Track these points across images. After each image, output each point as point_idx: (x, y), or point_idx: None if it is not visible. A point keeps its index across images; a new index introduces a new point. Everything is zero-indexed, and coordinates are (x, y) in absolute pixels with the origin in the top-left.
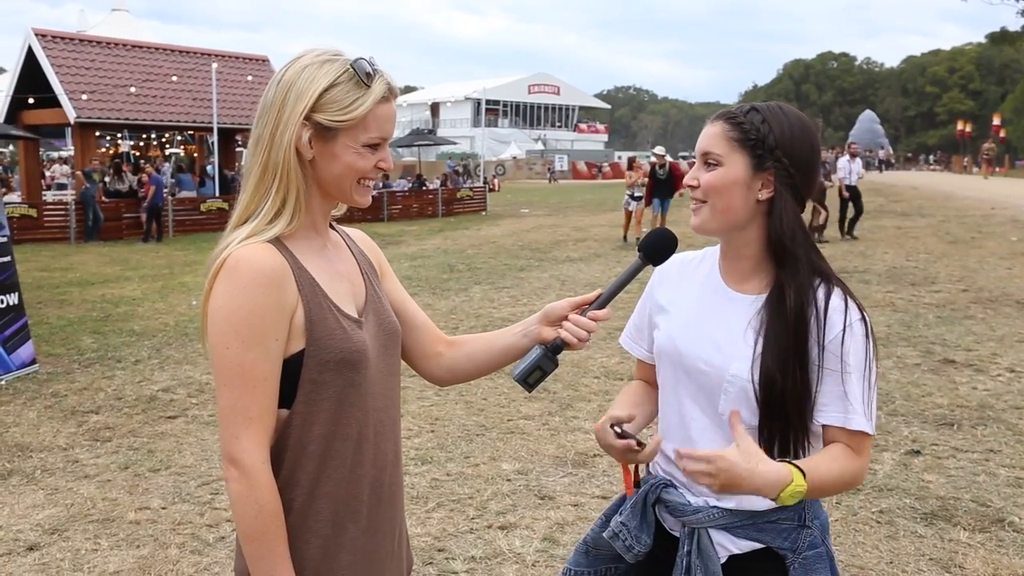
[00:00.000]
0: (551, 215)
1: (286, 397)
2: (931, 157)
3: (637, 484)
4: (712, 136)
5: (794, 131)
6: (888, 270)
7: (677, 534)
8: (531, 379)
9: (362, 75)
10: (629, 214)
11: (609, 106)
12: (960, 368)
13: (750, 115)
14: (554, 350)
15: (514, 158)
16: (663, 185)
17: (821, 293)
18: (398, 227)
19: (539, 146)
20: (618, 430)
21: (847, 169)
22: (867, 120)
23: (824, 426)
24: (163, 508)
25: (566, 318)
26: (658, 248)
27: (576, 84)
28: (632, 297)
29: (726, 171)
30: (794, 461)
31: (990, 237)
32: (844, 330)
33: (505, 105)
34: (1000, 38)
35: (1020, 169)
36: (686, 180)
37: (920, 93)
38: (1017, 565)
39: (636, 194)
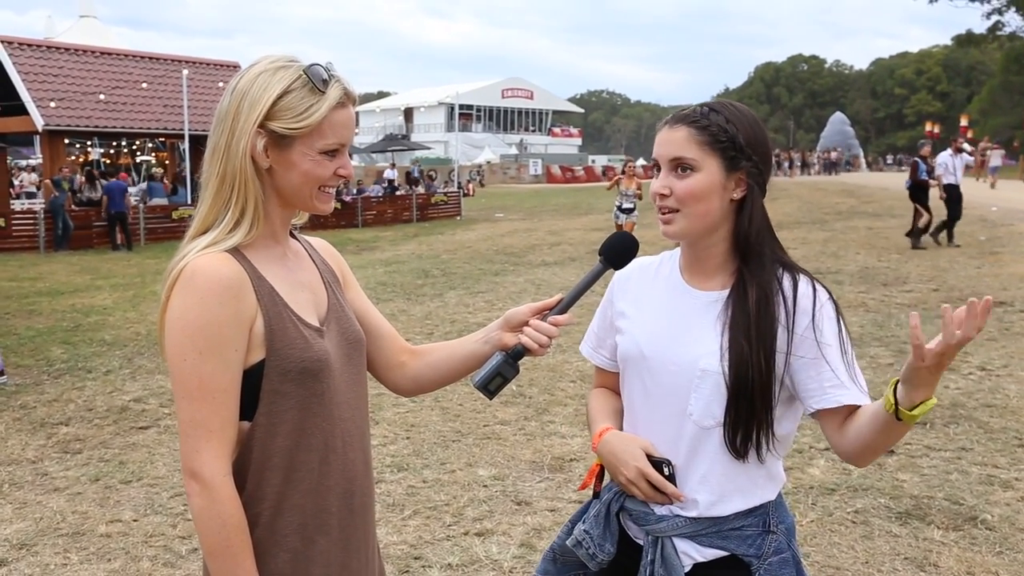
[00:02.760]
0: (526, 219)
1: (247, 409)
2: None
3: (597, 495)
4: (679, 141)
5: (754, 127)
6: (860, 270)
7: (641, 542)
8: (491, 386)
9: (316, 81)
10: (619, 228)
11: (582, 110)
12: None
13: (712, 116)
14: (515, 356)
15: (488, 163)
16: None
17: (787, 282)
18: (372, 233)
19: (513, 151)
20: (668, 471)
21: (950, 166)
22: (837, 122)
23: (820, 413)
24: (135, 520)
25: (527, 323)
26: (619, 252)
27: (549, 88)
28: (595, 300)
29: (703, 177)
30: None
31: (959, 236)
32: (815, 312)
33: (479, 110)
34: (966, 40)
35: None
36: (656, 189)
37: (889, 95)
38: (991, 563)
39: (626, 205)
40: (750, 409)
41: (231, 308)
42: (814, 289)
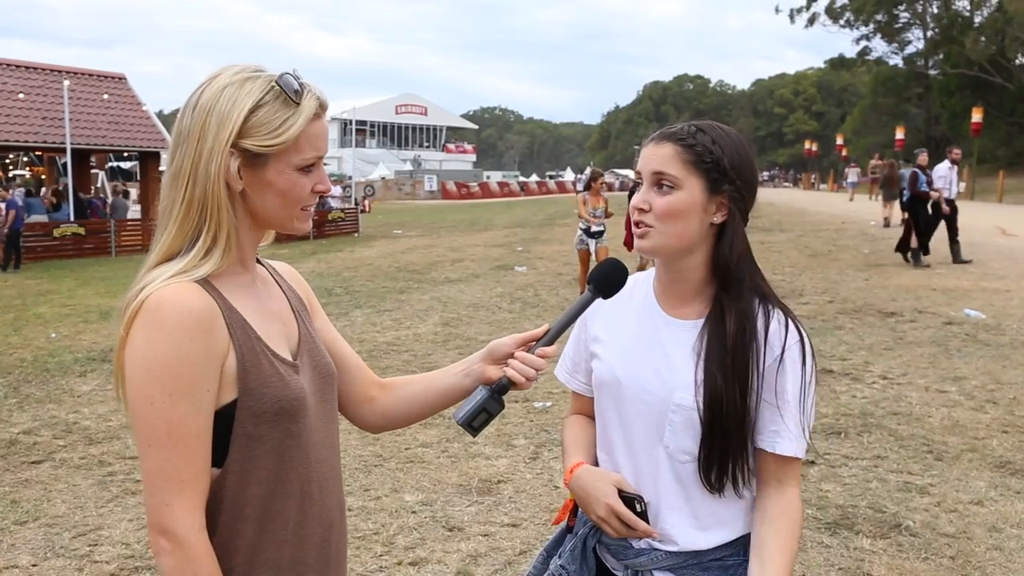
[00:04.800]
0: (424, 236)
1: (217, 454)
2: (768, 174)
3: (571, 529)
4: (664, 158)
5: (741, 152)
6: None
7: (620, 574)
8: (476, 422)
9: (290, 92)
10: (587, 256)
11: (476, 126)
12: (838, 377)
13: (699, 136)
14: (500, 390)
15: (383, 178)
16: None
17: (760, 317)
18: (268, 250)
19: (408, 167)
20: (640, 507)
21: (948, 179)
22: None
23: (757, 450)
24: (34, 565)
25: (512, 356)
26: (610, 280)
27: (443, 105)
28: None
29: (683, 195)
30: None
31: (845, 250)
32: (781, 355)
33: (372, 125)
34: (838, 63)
35: (863, 184)
36: (635, 203)
37: (769, 114)
38: (920, 568)
39: (595, 228)
40: (725, 445)
41: (202, 344)
42: (785, 330)
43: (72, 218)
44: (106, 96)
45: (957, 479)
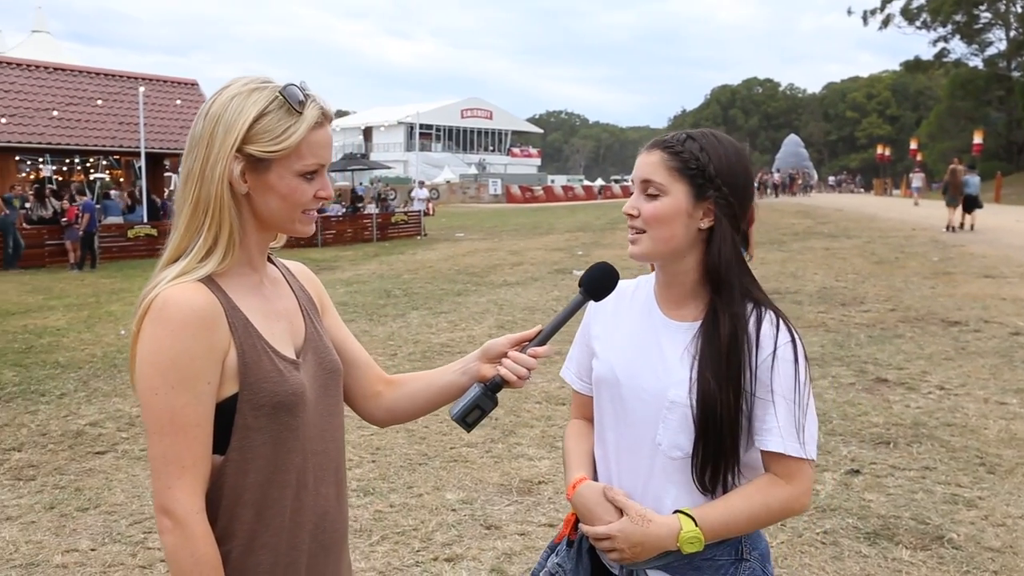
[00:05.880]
0: (486, 239)
1: (219, 443)
2: (834, 179)
3: (571, 543)
4: (651, 165)
5: (730, 159)
6: (819, 291)
7: (616, 571)
8: (469, 418)
9: (293, 102)
10: None
11: (541, 130)
12: (893, 387)
13: (687, 144)
14: (493, 388)
15: (448, 182)
16: None
17: (753, 318)
18: (333, 252)
19: (472, 170)
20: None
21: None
22: (792, 144)
23: (761, 452)
24: (92, 550)
25: (506, 355)
26: (600, 284)
27: (508, 109)
28: (572, 328)
29: (669, 201)
30: (683, 509)
31: (912, 257)
32: (773, 354)
33: (438, 129)
34: (914, 66)
35: (936, 192)
36: (625, 208)
37: (841, 118)
38: None
39: None
40: (718, 445)
41: (204, 340)
42: (777, 330)
43: (145, 219)
44: (179, 102)
45: (1008, 493)
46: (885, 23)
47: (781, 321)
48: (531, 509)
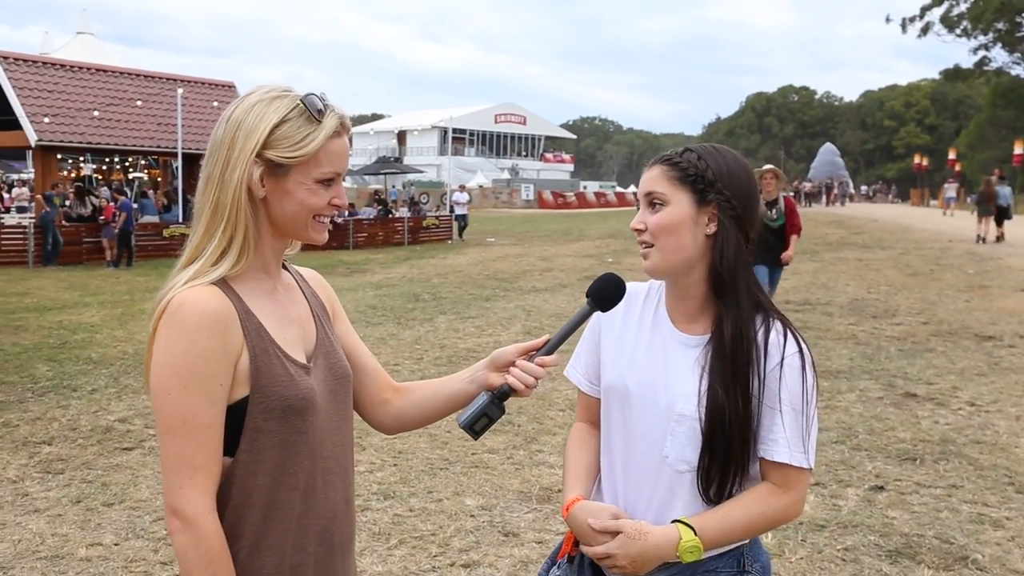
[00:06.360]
0: (517, 244)
1: (229, 445)
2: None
3: (572, 559)
4: (653, 178)
5: (729, 164)
6: (850, 302)
7: None
8: (477, 426)
9: (313, 111)
10: None
11: (575, 136)
12: (922, 402)
13: (686, 155)
14: (501, 396)
15: (480, 187)
16: (772, 239)
17: (760, 326)
18: (364, 255)
19: (505, 175)
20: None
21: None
22: (828, 153)
23: (760, 460)
24: (116, 544)
25: (513, 364)
26: (608, 294)
27: (542, 114)
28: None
29: (672, 209)
30: (681, 518)
31: (948, 269)
32: (781, 363)
33: (471, 134)
34: (953, 75)
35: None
36: (632, 224)
37: (878, 127)
38: None
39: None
40: (725, 457)
41: (217, 342)
42: (784, 338)
43: (181, 219)
44: (216, 103)
45: None
46: (924, 31)
47: (789, 331)
48: (550, 517)
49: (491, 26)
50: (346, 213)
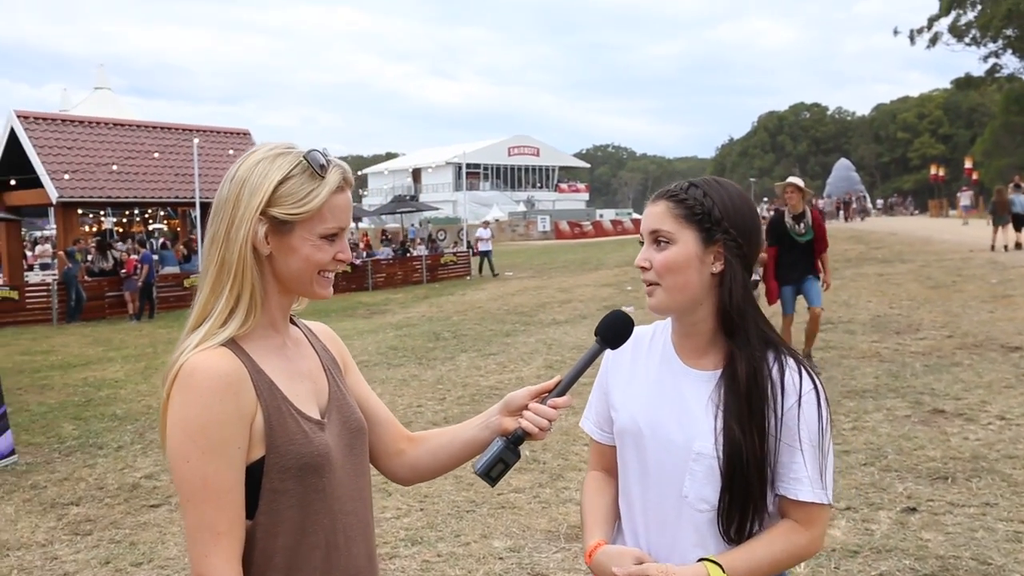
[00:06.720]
0: (535, 277)
1: (248, 507)
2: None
3: None
4: (658, 215)
5: (735, 201)
6: (872, 319)
7: None
8: (493, 472)
9: (316, 167)
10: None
11: (588, 165)
12: (950, 418)
13: (691, 191)
14: (515, 441)
15: (497, 220)
16: (799, 256)
17: (773, 364)
18: (383, 295)
19: (521, 208)
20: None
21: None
22: (843, 168)
23: (779, 497)
24: None
25: (526, 407)
26: (616, 332)
27: (555, 144)
28: (593, 374)
29: (679, 249)
30: (709, 556)
31: (970, 280)
32: (799, 401)
33: (486, 168)
34: (965, 83)
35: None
36: (637, 261)
37: (892, 139)
38: None
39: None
40: (745, 495)
41: (231, 405)
42: (800, 376)
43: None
44: (231, 151)
45: None
46: (933, 41)
47: (802, 368)
48: (578, 556)
49: (499, 59)
50: (364, 255)
